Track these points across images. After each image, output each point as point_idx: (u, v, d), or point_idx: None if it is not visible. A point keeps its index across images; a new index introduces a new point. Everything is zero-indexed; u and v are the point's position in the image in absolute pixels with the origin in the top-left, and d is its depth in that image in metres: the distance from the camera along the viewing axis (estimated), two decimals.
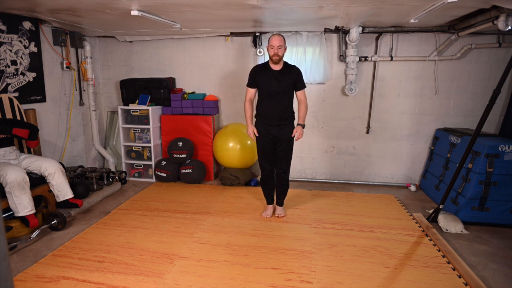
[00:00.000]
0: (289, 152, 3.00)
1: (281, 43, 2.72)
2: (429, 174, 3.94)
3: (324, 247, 2.61)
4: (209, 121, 4.20)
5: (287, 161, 3.02)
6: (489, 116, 2.74)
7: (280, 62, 2.80)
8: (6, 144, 2.88)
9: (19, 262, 2.36)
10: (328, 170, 4.41)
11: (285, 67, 2.85)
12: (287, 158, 3.01)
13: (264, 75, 2.84)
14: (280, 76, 2.82)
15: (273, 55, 2.74)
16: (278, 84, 2.81)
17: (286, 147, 2.96)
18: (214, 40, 4.29)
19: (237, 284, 2.12)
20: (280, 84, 2.81)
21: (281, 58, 2.77)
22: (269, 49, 2.76)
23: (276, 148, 2.98)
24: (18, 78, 3.35)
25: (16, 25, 3.29)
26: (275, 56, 2.74)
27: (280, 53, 2.73)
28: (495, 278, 2.25)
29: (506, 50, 3.73)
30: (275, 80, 2.81)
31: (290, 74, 2.83)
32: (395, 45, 3.93)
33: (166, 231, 2.86)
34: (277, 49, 2.71)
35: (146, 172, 4.42)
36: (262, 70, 2.87)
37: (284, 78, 2.82)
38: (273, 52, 2.73)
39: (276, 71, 2.83)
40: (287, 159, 3.01)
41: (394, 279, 2.21)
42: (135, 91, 4.27)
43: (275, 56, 2.74)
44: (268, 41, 2.77)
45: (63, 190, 2.98)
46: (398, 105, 4.08)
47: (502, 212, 3.01)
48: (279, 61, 2.78)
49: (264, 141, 2.96)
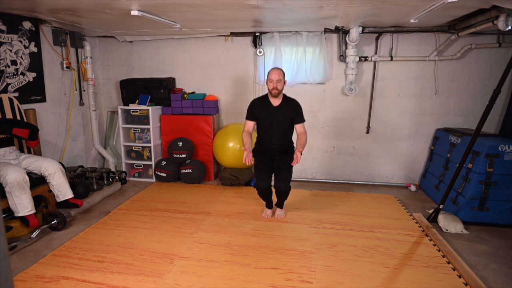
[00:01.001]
0: (289, 167, 2.94)
1: (280, 77, 2.74)
2: (429, 174, 3.94)
3: (324, 247, 2.61)
4: (209, 121, 4.20)
5: (288, 171, 2.95)
6: (489, 116, 2.74)
7: (280, 95, 2.82)
8: (6, 144, 2.88)
9: (19, 262, 2.36)
10: (328, 170, 4.41)
11: (284, 100, 2.86)
12: (287, 168, 2.95)
13: (264, 109, 2.85)
14: (279, 111, 2.83)
15: (272, 89, 2.75)
16: (277, 119, 2.82)
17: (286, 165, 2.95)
18: (214, 40, 4.29)
19: (237, 284, 2.12)
20: (279, 119, 2.83)
21: (280, 91, 2.79)
22: (268, 83, 2.77)
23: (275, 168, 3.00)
24: (18, 78, 3.35)
25: (16, 25, 3.29)
26: (274, 90, 2.75)
27: (279, 87, 2.75)
28: (495, 278, 2.25)
29: (506, 50, 3.73)
30: (274, 115, 2.83)
31: (289, 108, 2.84)
32: (395, 45, 3.93)
33: (166, 231, 2.86)
34: (276, 83, 2.73)
35: (146, 172, 4.42)
36: (262, 103, 2.87)
37: (283, 113, 2.83)
38: (272, 86, 2.75)
39: (275, 106, 2.83)
40: (287, 169, 2.95)
41: (394, 279, 2.21)
42: (135, 91, 4.27)
43: (274, 90, 2.75)
44: (267, 75, 2.78)
45: (63, 190, 2.98)
46: (398, 105, 4.08)
47: (502, 212, 3.01)
48: (278, 94, 2.79)
49: (263, 160, 2.99)
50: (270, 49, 4.13)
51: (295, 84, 4.19)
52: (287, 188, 2.92)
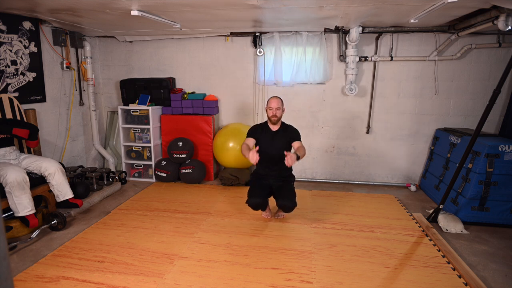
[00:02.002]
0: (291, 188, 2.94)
1: (279, 105, 2.88)
2: (429, 174, 3.94)
3: (324, 247, 2.61)
4: (209, 121, 4.20)
5: (289, 188, 2.92)
6: (489, 116, 2.74)
7: (278, 122, 2.96)
8: (6, 144, 2.88)
9: (19, 262, 2.36)
10: (328, 170, 4.41)
11: (282, 126, 3.01)
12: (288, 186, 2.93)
13: (263, 133, 2.97)
14: (277, 135, 2.96)
15: (272, 116, 2.89)
16: (275, 142, 2.93)
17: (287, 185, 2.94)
18: (214, 40, 4.29)
19: (237, 284, 2.12)
20: (277, 143, 2.93)
21: (279, 118, 2.93)
22: (268, 110, 2.92)
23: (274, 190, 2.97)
24: (18, 78, 3.35)
25: (16, 25, 3.29)
26: (274, 117, 2.89)
27: (278, 115, 2.89)
28: (495, 278, 2.25)
29: (506, 50, 3.73)
30: (272, 138, 2.94)
31: (287, 133, 2.95)
32: (395, 45, 3.93)
33: (166, 231, 2.86)
34: (275, 110, 2.87)
35: (146, 172, 4.42)
36: (262, 129, 3.00)
37: (281, 136, 2.95)
38: (272, 114, 2.88)
39: (274, 131, 2.96)
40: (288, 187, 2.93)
41: (394, 279, 2.21)
42: (135, 91, 4.27)
43: (273, 117, 2.89)
44: (267, 103, 2.93)
45: (63, 190, 2.98)
46: (398, 105, 4.08)
47: (502, 212, 3.01)
48: (278, 121, 2.94)
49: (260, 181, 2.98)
50: (270, 49, 4.13)
51: (295, 84, 4.19)
52: (292, 205, 2.85)
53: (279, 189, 2.94)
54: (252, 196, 2.87)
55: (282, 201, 2.86)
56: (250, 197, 2.87)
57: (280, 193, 2.91)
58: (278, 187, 2.96)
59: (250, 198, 2.86)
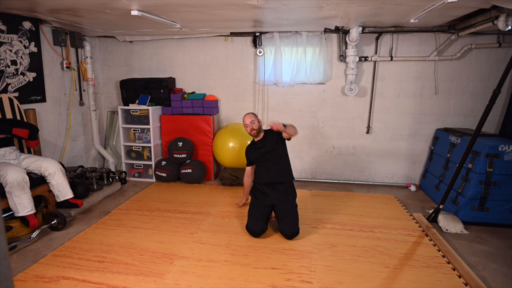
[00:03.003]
0: (294, 209, 2.80)
1: (252, 118, 2.97)
2: (429, 174, 3.94)
3: (324, 247, 2.61)
4: (209, 121, 4.20)
5: (292, 212, 2.77)
6: (489, 116, 2.74)
7: (260, 133, 3.02)
8: (6, 144, 2.88)
9: (19, 262, 2.36)
10: (328, 170, 4.41)
11: (265, 132, 3.06)
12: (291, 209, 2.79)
13: (254, 149, 3.03)
14: (265, 140, 3.00)
15: (250, 131, 2.98)
16: (267, 146, 2.97)
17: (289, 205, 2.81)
18: (214, 40, 4.29)
19: (237, 284, 2.12)
20: (269, 144, 2.96)
21: (258, 130, 2.98)
22: (245, 128, 3.01)
23: (275, 209, 2.83)
24: (18, 78, 3.35)
25: (16, 25, 3.29)
26: (253, 131, 2.97)
27: (255, 127, 2.96)
28: (495, 278, 2.25)
29: (506, 50, 3.73)
30: (264, 146, 2.98)
31: (273, 133, 2.98)
32: (395, 45, 3.93)
33: (166, 231, 2.86)
34: (250, 125, 2.95)
35: (146, 172, 4.42)
36: (252, 146, 3.08)
37: (270, 138, 2.99)
38: (249, 129, 2.97)
39: (260, 140, 3.03)
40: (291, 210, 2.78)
41: (394, 279, 2.21)
42: (135, 91, 4.27)
43: (252, 131, 2.97)
44: (243, 121, 3.02)
45: (63, 190, 2.98)
46: (398, 105, 4.08)
47: (502, 212, 3.01)
48: (258, 133, 3.00)
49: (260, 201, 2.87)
50: (270, 49, 4.13)
51: (295, 84, 4.19)
52: (294, 232, 2.71)
53: (280, 210, 2.78)
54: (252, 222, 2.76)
55: (284, 227, 2.71)
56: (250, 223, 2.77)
57: (281, 216, 2.76)
58: (280, 208, 2.79)
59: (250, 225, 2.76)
